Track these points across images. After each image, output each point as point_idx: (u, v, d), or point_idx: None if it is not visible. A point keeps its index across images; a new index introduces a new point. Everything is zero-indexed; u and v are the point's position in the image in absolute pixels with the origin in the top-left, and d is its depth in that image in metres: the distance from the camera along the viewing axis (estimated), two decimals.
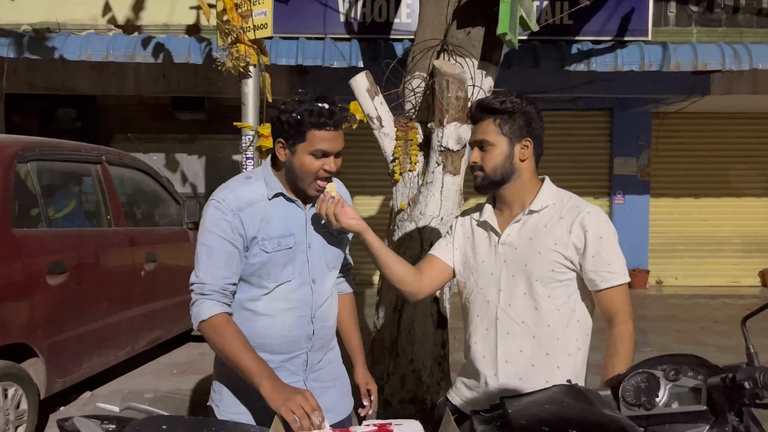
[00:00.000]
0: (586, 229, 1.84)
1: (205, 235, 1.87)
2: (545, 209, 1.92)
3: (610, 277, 1.84)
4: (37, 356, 3.70)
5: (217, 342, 1.79)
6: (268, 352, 1.89)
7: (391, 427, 1.62)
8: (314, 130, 1.80)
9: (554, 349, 1.89)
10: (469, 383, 2.03)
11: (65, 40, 6.43)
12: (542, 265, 1.87)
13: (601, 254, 1.84)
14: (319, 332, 1.97)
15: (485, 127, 1.89)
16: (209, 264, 1.85)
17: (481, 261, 2.00)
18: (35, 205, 3.93)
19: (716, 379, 1.56)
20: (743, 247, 10.31)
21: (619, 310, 1.86)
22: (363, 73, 3.35)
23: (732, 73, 7.94)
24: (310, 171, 1.84)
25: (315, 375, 1.99)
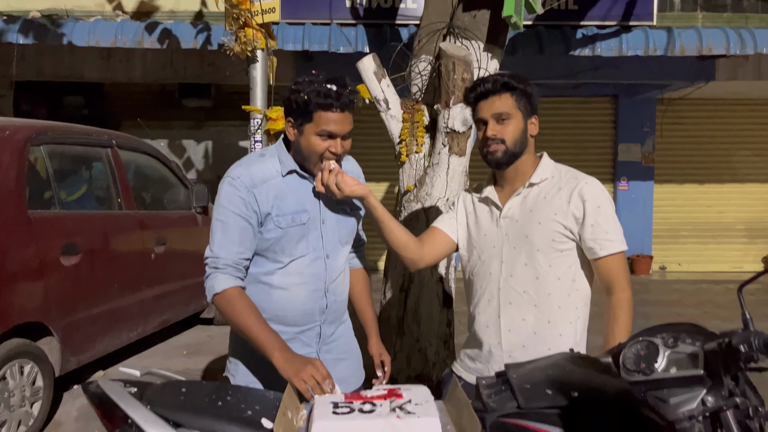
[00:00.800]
0: (585, 198, 1.91)
1: (220, 211, 1.91)
2: (544, 182, 1.99)
3: (608, 245, 1.90)
4: (52, 335, 3.79)
5: (231, 314, 1.85)
6: (283, 324, 1.96)
7: (400, 391, 1.69)
8: (321, 111, 1.82)
9: (556, 318, 1.95)
10: (473, 354, 2.09)
11: (73, 27, 6.48)
12: (543, 235, 1.94)
13: (600, 223, 1.89)
14: (332, 306, 2.03)
15: (504, 100, 1.94)
16: (223, 239, 1.90)
17: (483, 235, 2.06)
18: (48, 188, 4.01)
19: (713, 344, 1.63)
20: (747, 233, 10.35)
21: (617, 278, 1.92)
22: (370, 55, 3.40)
23: (737, 59, 7.94)
24: (315, 151, 1.87)
25: (327, 347, 2.05)
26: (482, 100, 1.98)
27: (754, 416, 1.65)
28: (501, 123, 1.95)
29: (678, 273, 10.16)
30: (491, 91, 1.95)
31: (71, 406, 4.17)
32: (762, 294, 8.54)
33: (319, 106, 1.82)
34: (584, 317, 2.02)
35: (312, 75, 1.90)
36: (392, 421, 1.50)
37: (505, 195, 2.04)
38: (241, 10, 3.87)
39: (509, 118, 1.94)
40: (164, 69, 7.89)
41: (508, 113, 1.94)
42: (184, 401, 1.58)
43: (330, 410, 1.56)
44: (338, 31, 6.61)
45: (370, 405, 1.60)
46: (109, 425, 1.58)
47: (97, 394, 1.60)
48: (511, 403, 1.59)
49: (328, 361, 1.97)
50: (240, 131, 8.49)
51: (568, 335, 1.96)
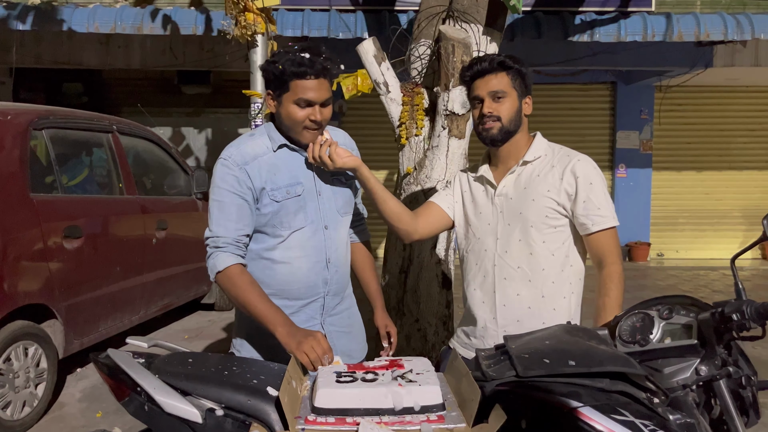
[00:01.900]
0: (577, 175, 1.95)
1: (215, 191, 1.94)
2: (538, 159, 2.03)
3: (600, 221, 1.94)
4: (56, 317, 3.83)
5: (233, 291, 1.87)
6: (287, 299, 1.99)
7: (401, 362, 1.73)
8: (296, 80, 1.84)
9: (550, 293, 2.00)
10: (469, 330, 2.14)
11: (73, 13, 6.48)
12: (536, 211, 1.98)
13: (592, 199, 1.94)
14: (334, 277, 2.05)
15: (500, 78, 1.97)
16: (221, 217, 1.92)
17: (479, 213, 2.11)
18: (50, 172, 4.03)
19: (706, 315, 1.67)
20: (744, 221, 10.39)
21: (609, 252, 1.96)
22: (370, 39, 3.42)
23: (734, 45, 7.96)
24: (296, 120, 1.89)
25: (331, 319, 2.08)
26: (478, 79, 2.00)
27: (747, 385, 1.69)
28: (497, 101, 1.98)
29: (675, 260, 10.22)
30: (488, 70, 1.98)
31: (74, 388, 4.22)
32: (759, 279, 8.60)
33: (294, 75, 1.84)
34: (578, 292, 2.06)
35: (287, 46, 1.94)
36: (394, 389, 1.54)
37: (500, 173, 2.08)
38: None
39: (505, 96, 1.98)
40: (163, 56, 7.89)
41: (504, 91, 1.97)
42: (191, 371, 1.62)
43: (333, 379, 1.60)
44: (337, 17, 6.61)
45: (373, 374, 1.65)
46: (118, 394, 1.62)
47: (106, 364, 1.64)
48: (510, 372, 1.63)
49: (332, 334, 2.01)
50: (239, 118, 8.51)
51: (562, 310, 2.01)
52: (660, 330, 1.78)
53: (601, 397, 1.54)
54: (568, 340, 1.72)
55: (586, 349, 1.65)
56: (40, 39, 7.60)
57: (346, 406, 1.51)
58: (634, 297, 7.02)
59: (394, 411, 1.52)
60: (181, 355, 1.73)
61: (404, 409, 1.52)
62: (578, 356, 1.61)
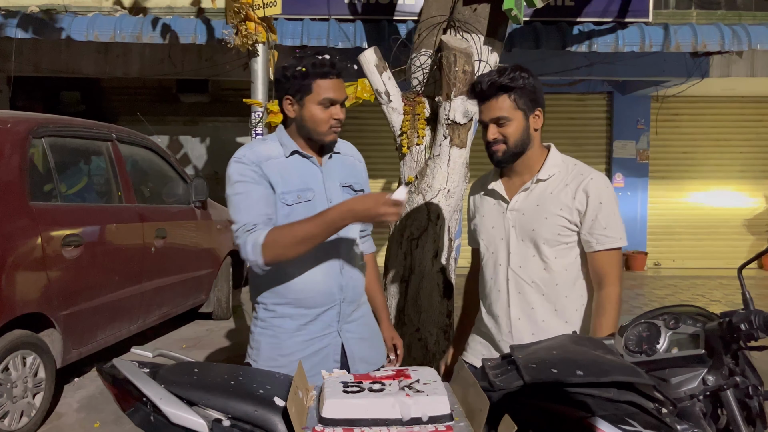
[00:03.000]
0: (589, 194, 1.96)
1: (235, 186, 1.92)
2: (552, 178, 2.02)
3: (605, 240, 1.96)
4: (54, 327, 3.81)
5: (286, 240, 1.82)
6: (304, 307, 1.98)
7: (408, 372, 1.72)
8: (319, 80, 1.89)
9: (563, 306, 2.02)
10: (484, 342, 2.15)
11: (72, 21, 6.48)
12: (549, 229, 1.99)
13: (599, 218, 1.95)
14: (349, 283, 2.03)
15: (501, 103, 1.95)
16: (248, 206, 1.90)
17: (490, 227, 2.11)
18: (50, 180, 4.02)
19: (714, 324, 1.67)
20: (740, 229, 10.44)
21: (609, 273, 1.97)
22: (372, 48, 3.43)
23: (730, 56, 8.02)
24: (321, 120, 1.92)
25: (348, 326, 2.05)
26: (482, 103, 2.00)
27: (753, 395, 1.69)
28: (500, 126, 1.97)
29: (672, 269, 10.24)
30: (488, 95, 1.97)
31: (72, 398, 4.19)
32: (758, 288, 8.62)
33: (317, 75, 1.88)
34: (589, 305, 2.06)
35: (299, 52, 1.97)
36: (402, 399, 1.53)
37: (512, 187, 2.08)
38: (241, 4, 3.89)
39: (507, 121, 1.96)
40: (162, 64, 7.89)
41: (506, 117, 1.96)
42: (197, 380, 1.61)
43: (340, 389, 1.59)
44: (337, 27, 6.64)
45: (380, 384, 1.64)
46: (123, 404, 1.60)
47: (111, 373, 1.62)
48: (517, 381, 1.62)
49: (349, 341, 2.01)
50: (237, 127, 8.51)
51: (574, 322, 2.02)
52: (667, 340, 1.78)
53: (609, 407, 1.53)
54: (575, 350, 1.72)
55: (594, 359, 1.64)
56: (39, 47, 7.60)
57: (354, 416, 1.50)
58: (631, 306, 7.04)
59: (401, 421, 1.51)
60: (187, 365, 1.72)
61: (412, 419, 1.52)
62: (586, 366, 1.60)
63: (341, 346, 2.01)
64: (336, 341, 2.00)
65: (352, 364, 2.02)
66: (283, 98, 1.96)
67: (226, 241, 6.32)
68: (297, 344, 1.92)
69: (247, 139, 8.22)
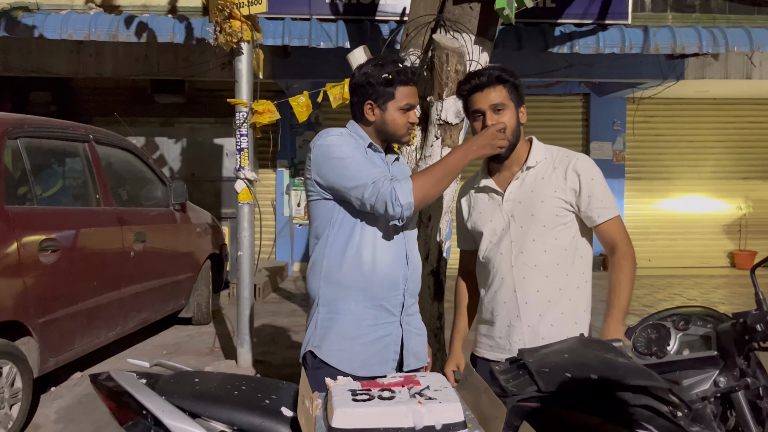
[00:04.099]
0: (579, 173, 2.07)
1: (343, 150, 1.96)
2: (539, 163, 2.13)
3: (605, 212, 2.06)
4: (31, 335, 3.67)
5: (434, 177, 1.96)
6: (371, 293, 2.01)
7: (416, 378, 1.67)
8: (401, 87, 2.01)
9: (565, 284, 2.09)
10: (491, 332, 2.19)
11: (45, 19, 6.29)
12: (546, 212, 2.08)
13: (595, 193, 2.06)
14: (412, 275, 2.09)
15: (499, 91, 2.08)
16: (371, 164, 1.97)
17: (489, 221, 2.19)
18: (25, 183, 3.88)
19: (726, 325, 1.66)
20: (713, 230, 10.63)
21: (618, 237, 2.07)
22: (361, 47, 3.38)
23: (705, 59, 8.15)
24: (402, 124, 2.05)
25: (408, 319, 2.10)
26: (477, 92, 2.11)
27: (764, 396, 1.68)
28: (497, 113, 2.07)
29: (649, 269, 10.36)
30: (486, 84, 2.08)
31: (49, 408, 4.04)
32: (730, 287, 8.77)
33: (400, 82, 2.01)
34: (590, 280, 2.15)
35: (375, 61, 2.08)
36: (414, 407, 1.48)
37: (502, 180, 2.18)
38: (226, 1, 3.80)
39: (504, 109, 2.08)
40: (136, 64, 7.72)
41: (503, 104, 2.07)
42: (199, 391, 1.54)
43: (349, 398, 1.53)
44: (318, 26, 6.56)
45: (389, 392, 1.58)
46: (121, 418, 1.53)
47: (107, 385, 1.54)
48: (530, 387, 1.59)
49: (408, 333, 2.07)
50: (214, 128, 8.37)
51: (577, 299, 2.10)
52: (677, 341, 1.77)
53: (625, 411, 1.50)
54: (587, 354, 1.69)
55: (607, 363, 1.62)
56: (8, 46, 7.37)
57: (365, 426, 1.45)
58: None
59: (414, 430, 1.46)
60: (187, 375, 1.65)
61: (425, 428, 1.47)
62: (599, 370, 1.58)
63: (401, 337, 2.06)
64: (397, 332, 2.05)
65: (406, 357, 2.07)
66: (364, 103, 2.06)
67: (206, 244, 6.20)
68: (362, 329, 1.98)
69: (225, 140, 8.10)
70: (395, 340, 2.04)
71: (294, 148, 9.84)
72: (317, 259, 2.04)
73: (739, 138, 10.54)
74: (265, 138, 5.45)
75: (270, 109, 4.10)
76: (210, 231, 6.35)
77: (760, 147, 10.58)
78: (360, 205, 1.95)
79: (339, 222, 2.01)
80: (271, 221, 9.70)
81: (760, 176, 10.61)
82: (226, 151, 8.27)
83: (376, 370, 1.96)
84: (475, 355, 2.24)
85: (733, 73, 8.30)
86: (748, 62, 8.26)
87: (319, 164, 2.00)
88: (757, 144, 10.57)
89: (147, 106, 8.93)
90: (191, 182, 7.18)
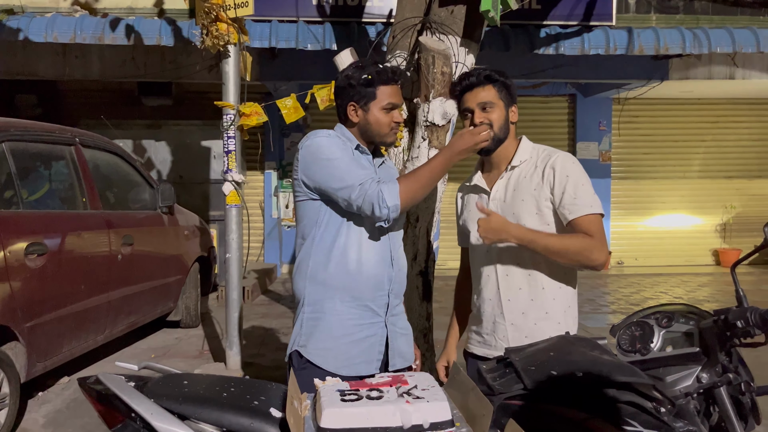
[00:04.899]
0: (555, 169, 2.07)
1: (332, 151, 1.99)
2: (524, 163, 2.16)
3: (576, 209, 2.02)
4: (18, 339, 3.65)
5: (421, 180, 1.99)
6: (355, 293, 2.03)
7: (404, 377, 1.69)
8: (382, 86, 2.04)
9: (548, 284, 2.09)
10: (480, 328, 2.22)
11: (30, 22, 6.25)
12: (527, 210, 2.10)
13: (568, 190, 2.04)
14: (397, 276, 2.11)
15: (488, 90, 2.13)
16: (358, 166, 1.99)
17: (476, 219, 2.18)
18: (11, 186, 3.85)
19: (709, 322, 1.69)
20: (698, 228, 10.75)
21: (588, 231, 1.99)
22: (347, 49, 3.40)
23: (689, 59, 8.24)
24: (385, 123, 2.06)
25: (392, 319, 2.12)
26: (467, 92, 2.16)
27: (746, 391, 1.71)
28: (486, 111, 2.12)
29: (635, 267, 10.46)
30: (475, 84, 2.14)
31: (37, 413, 4.02)
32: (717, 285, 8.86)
33: (381, 82, 2.04)
34: (573, 281, 2.14)
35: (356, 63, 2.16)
36: (402, 406, 1.49)
37: (491, 178, 2.23)
38: (212, 4, 3.80)
39: (493, 107, 2.12)
40: (123, 66, 7.68)
41: (492, 102, 2.12)
42: (188, 393, 1.54)
43: (338, 398, 1.54)
44: (305, 29, 6.57)
45: (377, 392, 1.59)
46: (110, 421, 1.53)
47: (95, 389, 1.54)
48: (517, 385, 1.61)
49: (393, 333, 2.08)
50: (202, 130, 8.34)
51: (561, 298, 2.10)
52: (660, 338, 1.79)
53: (610, 408, 1.53)
54: (573, 351, 1.71)
55: (592, 360, 1.64)
56: None
57: (353, 425, 1.46)
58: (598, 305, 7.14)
59: (402, 429, 1.47)
60: (176, 377, 1.65)
61: (413, 426, 1.48)
62: (584, 367, 1.60)
63: (386, 337, 2.07)
64: (382, 332, 2.06)
65: (392, 357, 2.09)
66: (347, 105, 2.09)
67: (194, 246, 6.18)
68: (347, 328, 1.99)
69: (213, 142, 8.07)
70: (380, 340, 2.06)
71: (282, 150, 9.83)
72: (303, 259, 2.06)
73: (723, 137, 10.67)
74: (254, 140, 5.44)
75: (257, 111, 4.10)
76: (198, 233, 6.33)
77: (743, 146, 10.72)
78: (347, 206, 1.96)
79: (325, 222, 2.03)
80: (260, 223, 9.69)
81: (744, 175, 10.75)
82: (213, 153, 8.24)
83: (361, 369, 1.98)
84: (467, 351, 2.28)
85: (717, 74, 8.41)
86: (731, 63, 8.37)
87: (306, 165, 2.02)
88: (741, 143, 10.70)
89: (134, 108, 8.89)
90: (179, 185, 7.15)
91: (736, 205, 10.57)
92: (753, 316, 1.59)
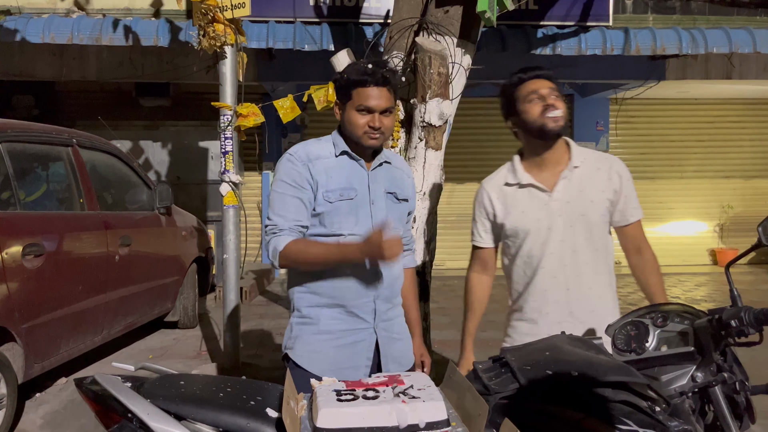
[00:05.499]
0: (621, 174, 2.19)
1: (279, 184, 2.06)
2: (583, 163, 2.20)
3: (636, 213, 2.22)
4: (15, 340, 3.64)
5: (302, 257, 1.99)
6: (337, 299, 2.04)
7: (400, 377, 1.70)
8: (358, 88, 2.00)
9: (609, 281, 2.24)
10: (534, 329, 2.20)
11: (27, 23, 6.25)
12: (596, 211, 2.17)
13: (629, 195, 2.20)
14: (387, 280, 2.08)
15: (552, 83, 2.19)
16: (282, 208, 2.03)
17: (535, 219, 2.21)
18: (8, 188, 3.85)
19: (703, 321, 1.69)
20: (695, 228, 10.76)
21: (644, 239, 2.25)
22: (344, 50, 3.40)
23: (686, 60, 8.26)
24: (357, 125, 2.02)
25: (384, 325, 2.10)
26: (535, 79, 2.19)
27: (741, 390, 1.72)
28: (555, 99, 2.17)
29: None
30: (541, 75, 2.20)
31: (35, 414, 4.01)
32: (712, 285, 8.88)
33: (356, 83, 2.00)
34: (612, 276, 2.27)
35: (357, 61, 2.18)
36: (398, 406, 1.50)
37: (548, 178, 2.20)
38: (209, 5, 3.80)
39: (559, 97, 2.18)
40: (121, 67, 7.68)
41: (559, 92, 2.19)
42: (185, 393, 1.55)
43: (334, 398, 1.55)
44: (303, 29, 6.57)
45: (373, 392, 1.60)
46: (106, 421, 1.53)
47: (92, 389, 1.55)
48: (512, 384, 1.61)
49: (385, 339, 2.07)
50: (199, 131, 8.34)
51: (608, 297, 2.23)
52: (655, 338, 1.80)
53: (605, 407, 1.53)
54: (568, 351, 1.72)
55: (588, 360, 1.64)
56: None
57: (349, 425, 1.47)
58: None
59: (398, 429, 1.48)
60: (172, 377, 1.66)
61: (409, 426, 1.49)
62: (580, 367, 1.60)
63: (376, 343, 2.07)
64: (371, 338, 2.06)
65: (385, 363, 2.08)
66: (335, 102, 2.12)
67: (192, 247, 6.18)
68: (333, 333, 2.01)
69: (210, 143, 8.07)
70: (368, 346, 2.05)
71: (280, 151, 9.83)
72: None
73: (720, 138, 10.70)
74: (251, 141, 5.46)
75: (254, 112, 4.11)
76: (196, 234, 6.33)
77: (740, 146, 10.74)
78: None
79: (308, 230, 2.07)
80: (257, 224, 9.68)
81: (742, 175, 10.77)
82: (211, 154, 8.24)
83: (348, 374, 1.95)
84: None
85: (714, 74, 8.43)
86: (727, 63, 8.39)
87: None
88: (738, 143, 10.73)
89: (131, 109, 8.89)
90: (176, 185, 7.15)
91: (733, 205, 10.59)
92: (747, 315, 1.59)
